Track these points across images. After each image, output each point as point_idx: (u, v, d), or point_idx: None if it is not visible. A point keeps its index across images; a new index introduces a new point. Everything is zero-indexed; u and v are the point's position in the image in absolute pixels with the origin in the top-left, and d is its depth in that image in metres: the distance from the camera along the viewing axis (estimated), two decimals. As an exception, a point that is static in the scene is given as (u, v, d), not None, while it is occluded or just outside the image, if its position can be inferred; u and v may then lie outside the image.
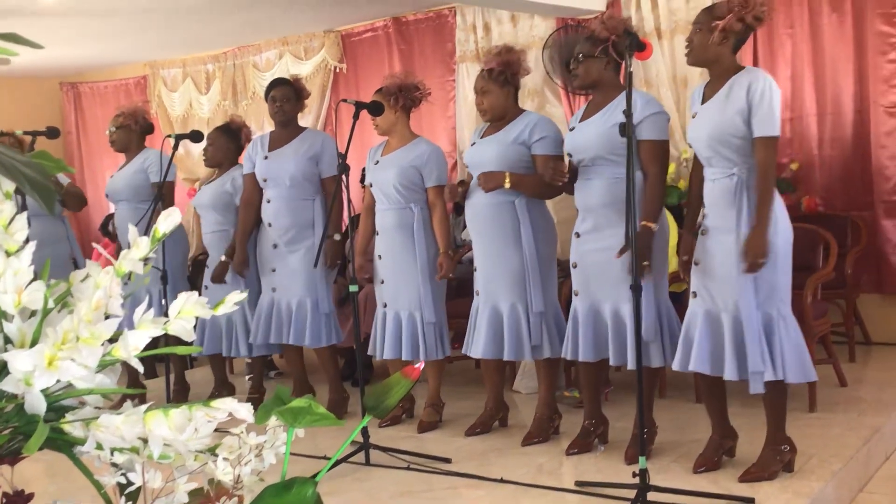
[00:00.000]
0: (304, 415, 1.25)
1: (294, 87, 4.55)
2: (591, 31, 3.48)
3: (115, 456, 1.21)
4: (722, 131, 3.10)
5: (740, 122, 3.08)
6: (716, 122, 3.11)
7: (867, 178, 5.33)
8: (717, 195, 3.15)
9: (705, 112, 3.18)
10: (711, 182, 3.19)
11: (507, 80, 3.83)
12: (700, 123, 3.19)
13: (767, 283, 3.10)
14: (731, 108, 3.09)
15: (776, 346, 3.10)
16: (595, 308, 3.54)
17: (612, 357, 3.49)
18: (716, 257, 3.16)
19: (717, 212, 3.16)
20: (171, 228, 1.35)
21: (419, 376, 1.34)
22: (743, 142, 3.10)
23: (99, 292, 1.15)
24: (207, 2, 5.99)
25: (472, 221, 3.91)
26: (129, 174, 4.98)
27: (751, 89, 3.06)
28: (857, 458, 3.47)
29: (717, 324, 3.16)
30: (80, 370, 1.15)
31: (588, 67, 3.50)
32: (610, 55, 3.46)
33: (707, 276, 3.18)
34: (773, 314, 3.12)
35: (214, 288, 4.65)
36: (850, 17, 5.30)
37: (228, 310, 1.30)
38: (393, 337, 4.16)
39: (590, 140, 3.48)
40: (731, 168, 3.12)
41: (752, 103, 3.05)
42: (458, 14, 6.57)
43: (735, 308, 3.10)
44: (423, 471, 3.55)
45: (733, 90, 3.11)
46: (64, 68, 8.37)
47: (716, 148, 3.12)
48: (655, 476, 3.16)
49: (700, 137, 3.17)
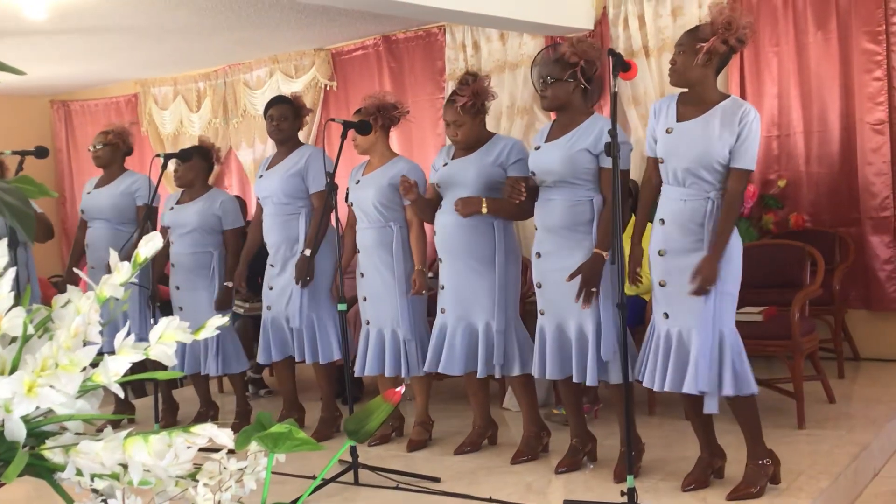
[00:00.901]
0: (284, 440, 1.25)
1: (292, 106, 4.56)
2: (561, 53, 3.51)
3: (95, 482, 1.21)
4: (709, 157, 3.13)
5: (727, 152, 3.13)
6: (704, 146, 3.14)
7: (854, 195, 5.37)
8: (687, 216, 3.18)
9: (688, 133, 3.19)
10: (682, 202, 3.20)
11: (479, 109, 3.88)
12: (680, 143, 3.20)
13: (728, 301, 3.15)
14: (722, 137, 3.12)
15: (729, 362, 3.12)
16: (561, 326, 3.57)
17: (576, 374, 3.53)
18: (683, 277, 3.17)
19: (684, 232, 3.19)
20: (153, 253, 1.36)
21: (400, 400, 1.34)
22: (723, 169, 3.15)
23: (78, 319, 1.15)
24: (198, 20, 6.01)
25: (444, 240, 3.92)
26: (114, 194, 4.94)
27: (742, 121, 3.12)
28: (845, 474, 3.48)
29: (687, 344, 3.19)
30: (60, 397, 1.15)
31: (556, 91, 3.53)
32: (578, 79, 3.50)
33: (676, 297, 3.20)
34: (734, 330, 3.17)
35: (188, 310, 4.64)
36: (835, 35, 5.35)
37: (209, 334, 1.31)
38: (376, 354, 4.18)
39: (554, 162, 3.52)
40: (707, 191, 3.15)
41: (741, 136, 3.11)
42: (447, 32, 6.61)
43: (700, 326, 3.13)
44: (412, 490, 3.54)
45: (725, 118, 3.14)
46: (55, 86, 8.38)
47: (696, 171, 3.15)
48: (643, 495, 3.16)
49: (682, 156, 3.18)
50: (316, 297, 4.44)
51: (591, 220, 3.49)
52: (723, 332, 3.13)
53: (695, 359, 3.13)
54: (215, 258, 4.73)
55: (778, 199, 5.47)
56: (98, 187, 5.04)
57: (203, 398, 5.01)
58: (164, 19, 5.92)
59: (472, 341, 3.90)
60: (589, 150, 3.47)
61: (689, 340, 3.18)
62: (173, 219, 4.79)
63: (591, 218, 3.49)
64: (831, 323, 5.11)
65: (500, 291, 3.82)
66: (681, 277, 3.18)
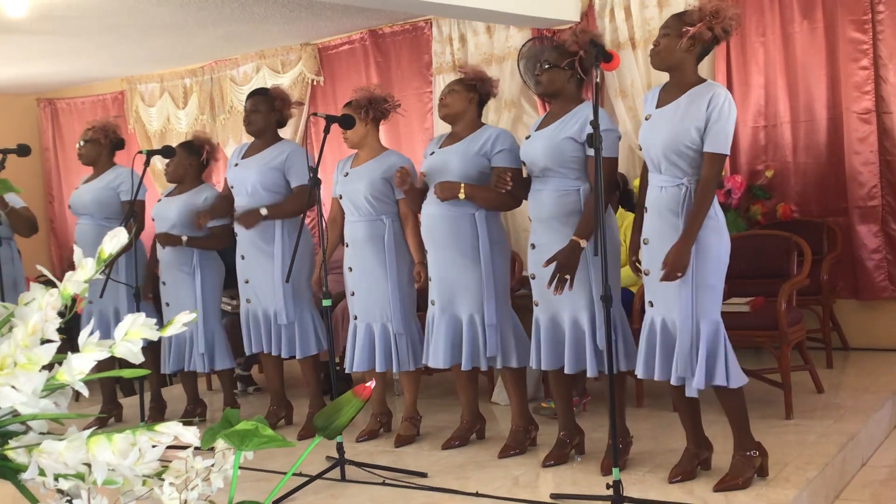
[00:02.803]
0: (251, 437, 1.23)
1: (266, 98, 4.52)
2: (562, 41, 3.51)
3: (60, 482, 1.19)
4: (678, 140, 3.11)
5: (696, 135, 3.10)
6: (672, 131, 3.12)
7: (841, 185, 5.36)
8: (664, 203, 3.17)
9: (661, 118, 3.19)
10: (659, 189, 3.19)
11: (475, 88, 3.89)
12: (655, 128, 3.19)
13: (712, 292, 3.13)
14: (690, 120, 3.10)
15: (721, 352, 3.12)
16: (555, 318, 3.56)
17: (569, 365, 3.51)
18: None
19: (662, 219, 3.18)
20: (118, 249, 1.34)
21: (370, 396, 1.32)
22: (695, 154, 3.12)
23: (36, 316, 1.13)
24: (183, 16, 5.97)
25: (429, 231, 3.92)
26: (97, 189, 4.92)
27: (711, 104, 3.07)
28: (833, 464, 3.47)
29: (671, 332, 3.18)
30: (20, 396, 1.13)
31: (552, 76, 3.53)
32: (575, 68, 3.50)
33: (658, 285, 3.19)
34: (717, 320, 3.15)
35: (174, 307, 4.63)
36: (821, 24, 5.34)
37: (177, 331, 1.29)
38: (365, 349, 4.16)
39: (541, 152, 3.51)
40: (680, 177, 3.13)
41: (710, 118, 3.07)
42: (434, 26, 6.58)
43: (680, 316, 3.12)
44: (399, 486, 3.53)
45: (694, 101, 3.12)
46: (41, 84, 8.33)
47: (668, 156, 3.13)
48: (630, 487, 3.15)
49: (654, 143, 3.18)
50: (296, 291, 4.41)
51: (580, 209, 3.47)
52: (700, 324, 3.11)
53: (676, 346, 3.13)
54: (196, 254, 4.70)
55: (765, 189, 5.47)
56: (86, 183, 5.02)
57: (191, 396, 4.99)
58: (148, 15, 5.88)
59: (456, 333, 3.88)
60: (574, 139, 3.46)
61: (672, 329, 3.17)
62: (157, 212, 4.79)
63: (579, 208, 3.48)
64: (819, 313, 5.11)
65: (487, 284, 3.80)
66: (660, 265, 3.17)
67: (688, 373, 3.12)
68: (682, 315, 3.10)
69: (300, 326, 4.44)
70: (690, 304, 3.10)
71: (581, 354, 3.49)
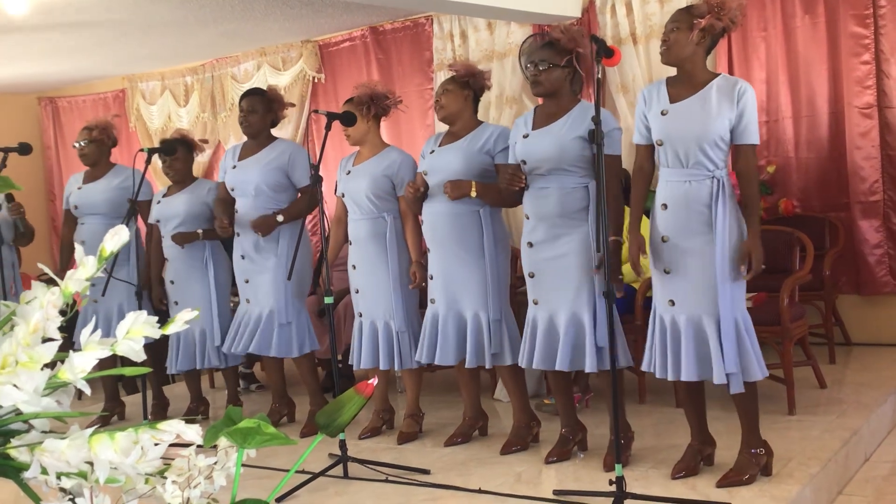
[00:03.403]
0: (253, 435, 1.23)
1: (263, 98, 4.51)
2: (555, 39, 3.49)
3: (62, 481, 1.19)
4: (713, 133, 3.10)
5: (727, 127, 3.12)
6: (704, 124, 3.11)
7: (843, 180, 5.35)
8: (692, 197, 3.14)
9: (685, 111, 3.16)
10: (685, 184, 3.16)
11: (468, 84, 3.89)
12: (680, 122, 3.16)
13: (738, 288, 3.14)
14: (723, 112, 3.11)
15: (752, 347, 3.12)
16: (552, 317, 3.55)
17: (561, 362, 3.48)
18: (691, 262, 3.15)
19: (689, 214, 3.15)
20: (119, 247, 1.34)
21: (372, 393, 1.32)
22: (724, 146, 3.14)
23: (37, 314, 1.13)
24: (184, 14, 5.96)
25: (432, 229, 3.91)
26: (108, 189, 4.92)
27: (742, 97, 3.11)
28: (835, 460, 3.47)
29: (701, 330, 3.16)
30: (22, 395, 1.13)
31: (551, 76, 3.51)
32: (573, 66, 3.50)
33: (684, 283, 3.17)
34: (747, 315, 3.16)
35: (183, 304, 4.65)
36: (823, 19, 5.32)
37: (178, 329, 1.28)
38: (369, 346, 4.16)
39: (548, 150, 3.49)
40: (711, 170, 3.13)
41: (742, 111, 3.10)
42: (435, 23, 6.57)
43: (716, 312, 3.10)
44: (401, 483, 3.53)
45: (722, 95, 3.13)
46: (42, 83, 8.33)
47: (702, 149, 3.12)
48: (633, 483, 3.15)
49: (682, 137, 3.15)
50: (295, 291, 4.41)
51: (587, 206, 3.46)
52: (737, 318, 3.12)
53: (716, 344, 3.10)
54: (208, 249, 4.70)
55: (767, 184, 5.45)
56: (88, 182, 5.00)
57: (194, 393, 4.99)
58: (149, 13, 5.87)
59: (461, 331, 3.88)
60: (583, 138, 3.45)
61: (702, 327, 3.14)
62: (161, 212, 4.77)
63: (586, 205, 3.46)
64: (822, 308, 5.10)
65: (491, 281, 3.80)
66: (687, 263, 3.16)
67: (736, 369, 3.09)
68: (724, 311, 3.08)
69: (297, 327, 4.44)
70: (730, 299, 3.09)
71: (578, 352, 3.47)
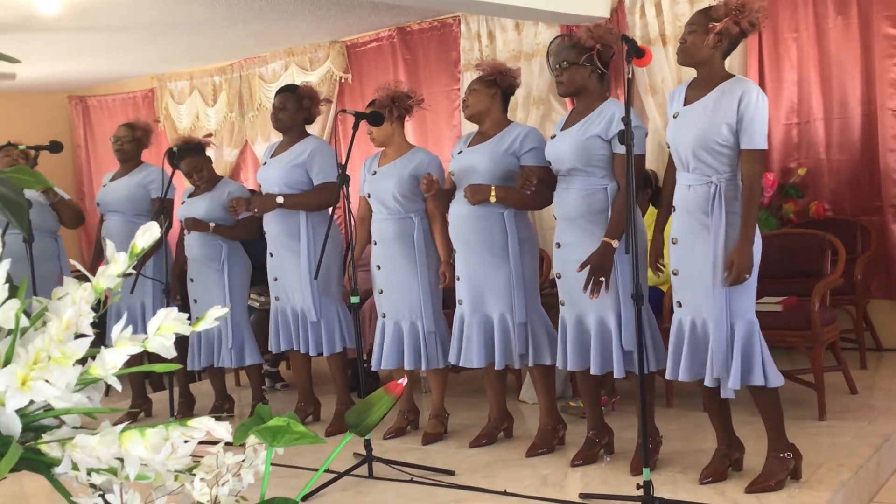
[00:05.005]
0: (283, 433, 1.23)
1: (294, 95, 4.53)
2: (577, 38, 3.48)
3: (92, 477, 1.19)
4: (708, 137, 3.07)
5: (727, 132, 3.06)
6: (702, 128, 3.08)
7: (876, 183, 5.28)
8: (692, 201, 3.13)
9: (690, 115, 3.15)
10: (687, 188, 3.15)
11: (495, 82, 3.86)
12: (683, 125, 3.15)
13: (739, 293, 3.08)
14: (720, 116, 3.07)
15: (757, 352, 3.08)
16: (581, 318, 3.53)
17: (595, 366, 3.47)
18: (693, 265, 3.14)
19: (691, 219, 3.14)
20: (150, 243, 1.34)
21: (402, 393, 1.31)
22: (727, 151, 3.08)
23: (70, 310, 1.13)
24: (213, 14, 6.00)
25: (458, 231, 3.90)
26: (128, 186, 4.96)
27: (742, 100, 3.04)
28: (866, 467, 3.42)
29: (702, 332, 3.15)
30: (54, 390, 1.13)
31: (573, 75, 3.49)
32: (595, 64, 3.46)
33: (687, 285, 3.16)
34: (753, 320, 3.11)
35: (202, 303, 4.68)
36: (856, 20, 5.25)
37: (209, 325, 1.29)
38: (393, 347, 4.15)
39: (566, 150, 3.48)
40: (709, 175, 3.09)
41: (743, 115, 3.03)
42: (462, 23, 6.56)
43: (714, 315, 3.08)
44: (426, 483, 3.52)
45: (723, 97, 3.08)
46: (72, 82, 8.41)
47: (698, 153, 3.09)
48: (660, 487, 3.12)
49: (683, 140, 3.14)
50: (324, 288, 4.42)
51: (607, 208, 3.44)
52: (735, 324, 3.08)
53: (711, 347, 3.09)
54: (224, 250, 4.73)
55: (798, 187, 5.39)
56: (114, 180, 5.06)
57: (219, 392, 5.02)
58: (179, 13, 5.91)
59: (488, 333, 3.87)
60: (600, 137, 3.43)
61: (703, 329, 3.13)
62: (183, 213, 4.82)
63: (606, 206, 3.44)
64: (853, 313, 5.03)
65: (517, 283, 3.79)
66: (690, 265, 3.14)
67: (723, 373, 3.08)
68: (716, 315, 3.06)
69: (327, 324, 4.45)
70: (724, 303, 3.06)
71: (608, 355, 3.46)
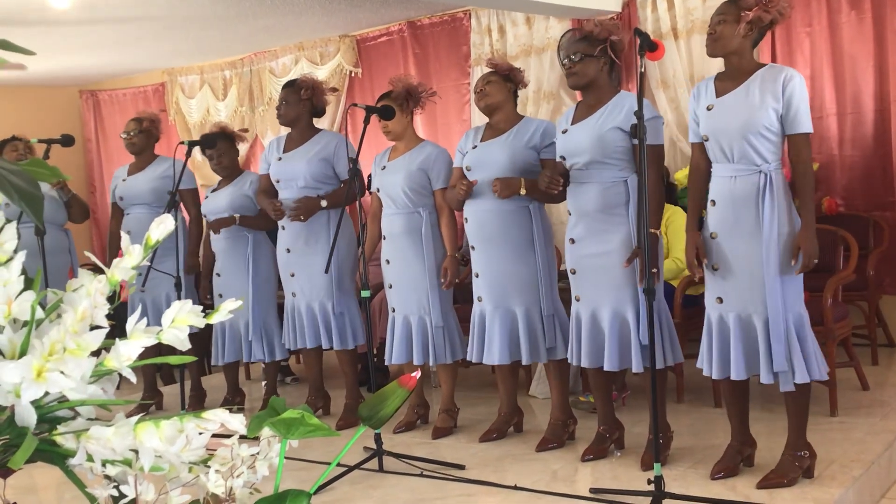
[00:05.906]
0: (297, 426, 1.22)
1: (293, 88, 4.52)
2: (588, 31, 3.46)
3: (107, 468, 1.19)
4: (757, 122, 3.04)
5: (774, 118, 3.04)
6: (749, 114, 3.05)
7: (888, 178, 5.25)
8: (739, 193, 3.08)
9: (730, 103, 3.11)
10: (730, 179, 3.11)
11: (510, 77, 3.87)
12: (724, 115, 3.11)
13: (791, 285, 3.07)
14: (767, 101, 3.04)
15: (808, 346, 3.07)
16: (595, 314, 3.51)
17: (610, 362, 3.45)
18: (738, 259, 3.11)
19: (737, 210, 3.10)
20: (164, 236, 1.34)
21: (415, 386, 1.31)
22: (773, 137, 3.06)
23: (85, 302, 1.13)
24: (223, 8, 6.00)
25: (480, 227, 3.87)
26: (152, 179, 4.99)
27: (788, 85, 3.03)
28: (878, 463, 3.40)
29: (750, 328, 3.11)
30: (69, 382, 1.13)
31: (586, 67, 3.47)
32: (608, 56, 3.45)
33: (732, 280, 3.12)
34: (802, 313, 3.09)
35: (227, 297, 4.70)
36: (869, 14, 5.22)
37: (223, 318, 1.28)
38: (402, 341, 4.15)
39: (584, 144, 3.45)
40: (758, 165, 3.06)
41: (790, 100, 3.03)
42: (472, 17, 6.54)
43: (765, 310, 3.05)
44: (436, 477, 3.52)
45: (767, 84, 3.06)
46: (83, 76, 8.44)
47: (748, 140, 3.05)
48: (671, 483, 3.11)
49: (726, 129, 3.09)
50: (341, 283, 4.43)
51: (627, 201, 3.40)
52: (791, 317, 3.06)
53: (765, 342, 3.05)
54: (250, 242, 4.73)
55: (810, 182, 5.36)
56: (133, 174, 5.07)
57: (231, 385, 5.03)
58: (189, 8, 5.91)
59: (512, 329, 3.84)
60: (620, 128, 3.40)
61: (750, 324, 3.10)
62: (207, 207, 4.82)
63: (626, 199, 3.41)
64: (865, 309, 5.00)
65: (543, 276, 3.79)
66: (735, 260, 3.11)
67: (785, 367, 3.03)
68: (773, 308, 3.03)
69: (350, 319, 4.46)
70: (780, 296, 3.03)
71: (625, 350, 3.43)
